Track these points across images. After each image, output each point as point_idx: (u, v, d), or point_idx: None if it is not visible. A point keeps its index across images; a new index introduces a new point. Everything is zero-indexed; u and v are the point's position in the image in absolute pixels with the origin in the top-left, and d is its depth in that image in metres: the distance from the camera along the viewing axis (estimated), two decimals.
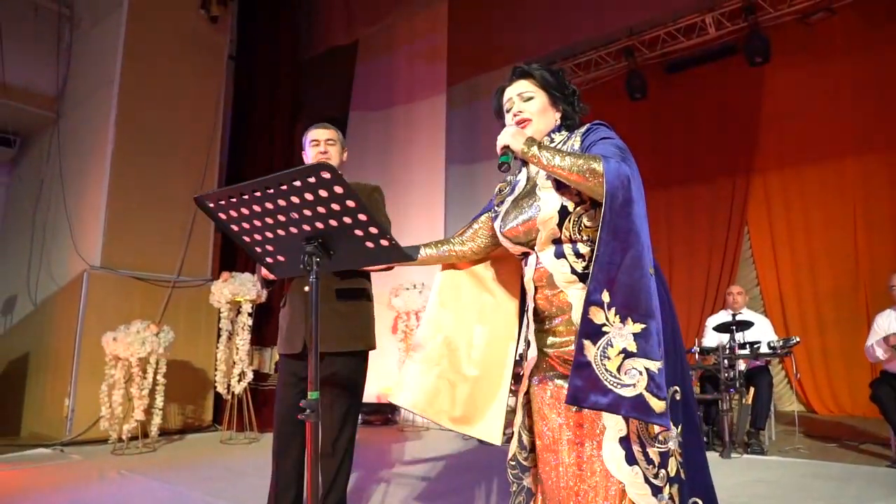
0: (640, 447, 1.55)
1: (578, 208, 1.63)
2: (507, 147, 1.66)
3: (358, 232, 1.48)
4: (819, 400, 6.72)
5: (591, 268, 1.45)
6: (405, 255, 1.54)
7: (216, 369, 5.10)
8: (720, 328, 4.61)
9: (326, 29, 6.38)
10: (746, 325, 4.52)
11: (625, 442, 1.55)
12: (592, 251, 1.55)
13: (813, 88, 6.84)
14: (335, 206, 1.42)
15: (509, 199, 1.86)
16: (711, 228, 7.55)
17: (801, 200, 6.99)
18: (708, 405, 4.64)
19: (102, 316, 5.05)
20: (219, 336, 5.11)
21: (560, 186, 1.67)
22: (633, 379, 1.38)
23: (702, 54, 7.25)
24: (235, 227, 1.62)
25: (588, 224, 1.63)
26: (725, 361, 4.42)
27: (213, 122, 5.97)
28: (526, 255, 1.79)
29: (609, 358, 1.40)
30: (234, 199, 1.53)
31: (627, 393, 1.37)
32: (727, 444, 4.28)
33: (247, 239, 1.65)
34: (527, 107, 1.80)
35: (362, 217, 1.43)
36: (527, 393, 1.83)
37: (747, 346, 4.52)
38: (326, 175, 1.36)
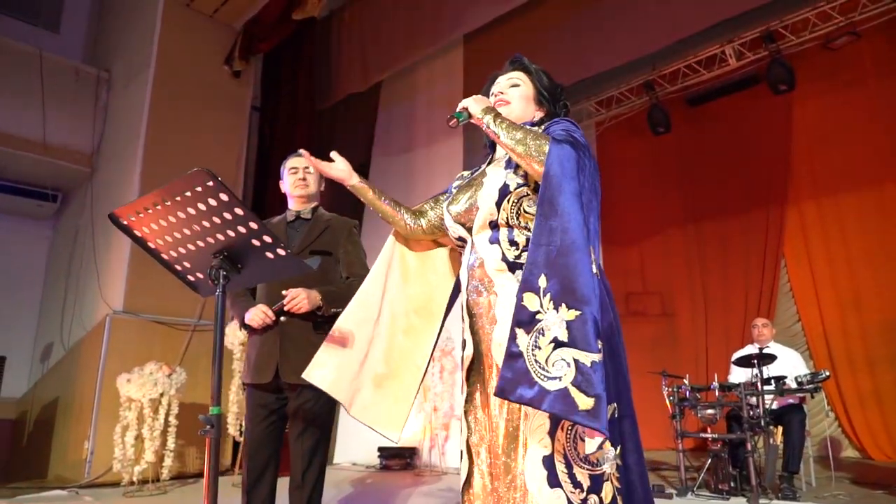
0: (565, 467, 1.39)
1: (520, 189, 1.55)
2: (465, 109, 1.61)
3: (255, 242, 1.47)
4: (874, 445, 6.18)
5: (529, 249, 1.36)
6: (303, 266, 1.52)
7: (229, 411, 5.13)
8: (740, 362, 4.34)
9: (345, 78, 6.60)
10: (769, 358, 4.23)
11: (548, 461, 1.40)
12: (528, 241, 1.47)
13: (844, 114, 6.59)
14: (227, 216, 1.42)
15: (466, 181, 1.81)
16: (746, 263, 7.23)
17: (841, 230, 6.63)
18: (734, 446, 4.32)
19: (124, 359, 5.18)
20: (232, 378, 5.16)
21: (508, 166, 1.61)
22: (559, 371, 1.25)
23: (724, 85, 7.11)
24: (152, 245, 1.64)
25: (528, 210, 1.54)
26: (754, 399, 4.15)
27: (234, 173, 6.20)
28: (464, 242, 1.72)
29: (540, 348, 1.28)
30: (142, 214, 1.55)
31: (552, 386, 1.25)
32: (755, 488, 3.95)
33: (165, 256, 1.66)
34: (510, 91, 1.75)
35: (254, 226, 1.43)
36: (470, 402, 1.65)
37: (772, 381, 4.22)
38: (210, 183, 1.36)
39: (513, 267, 1.54)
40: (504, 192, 1.56)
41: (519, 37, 7.17)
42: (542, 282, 1.31)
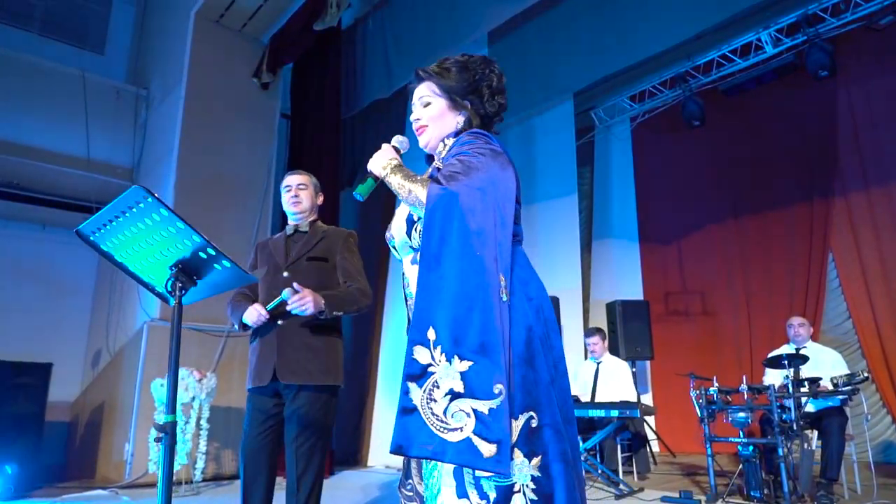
0: (472, 478, 1.39)
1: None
2: (371, 173, 1.62)
3: (202, 254, 1.51)
4: None
5: (415, 302, 1.37)
6: (246, 277, 1.54)
7: None
8: (771, 363, 4.15)
9: (370, 85, 6.67)
10: (800, 359, 4.02)
11: (458, 472, 1.40)
12: None
13: (892, 97, 6.21)
14: (171, 229, 1.46)
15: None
16: (791, 259, 6.90)
17: (892, 221, 6.24)
18: (768, 451, 4.14)
19: (161, 365, 5.39)
20: None
21: None
22: (459, 422, 1.29)
23: (761, 74, 6.80)
24: (118, 258, 1.70)
25: None
26: (790, 402, 3.95)
27: (264, 183, 6.36)
28: None
29: (435, 401, 1.31)
30: (102, 231, 1.61)
31: (454, 438, 1.28)
32: (786, 495, 3.77)
33: (132, 269, 1.72)
34: (424, 112, 1.73)
35: (196, 238, 1.46)
36: None
37: (806, 383, 4.01)
38: (149, 199, 1.40)
39: None
40: (410, 222, 1.59)
41: (544, 34, 7.06)
42: (431, 334, 1.33)
